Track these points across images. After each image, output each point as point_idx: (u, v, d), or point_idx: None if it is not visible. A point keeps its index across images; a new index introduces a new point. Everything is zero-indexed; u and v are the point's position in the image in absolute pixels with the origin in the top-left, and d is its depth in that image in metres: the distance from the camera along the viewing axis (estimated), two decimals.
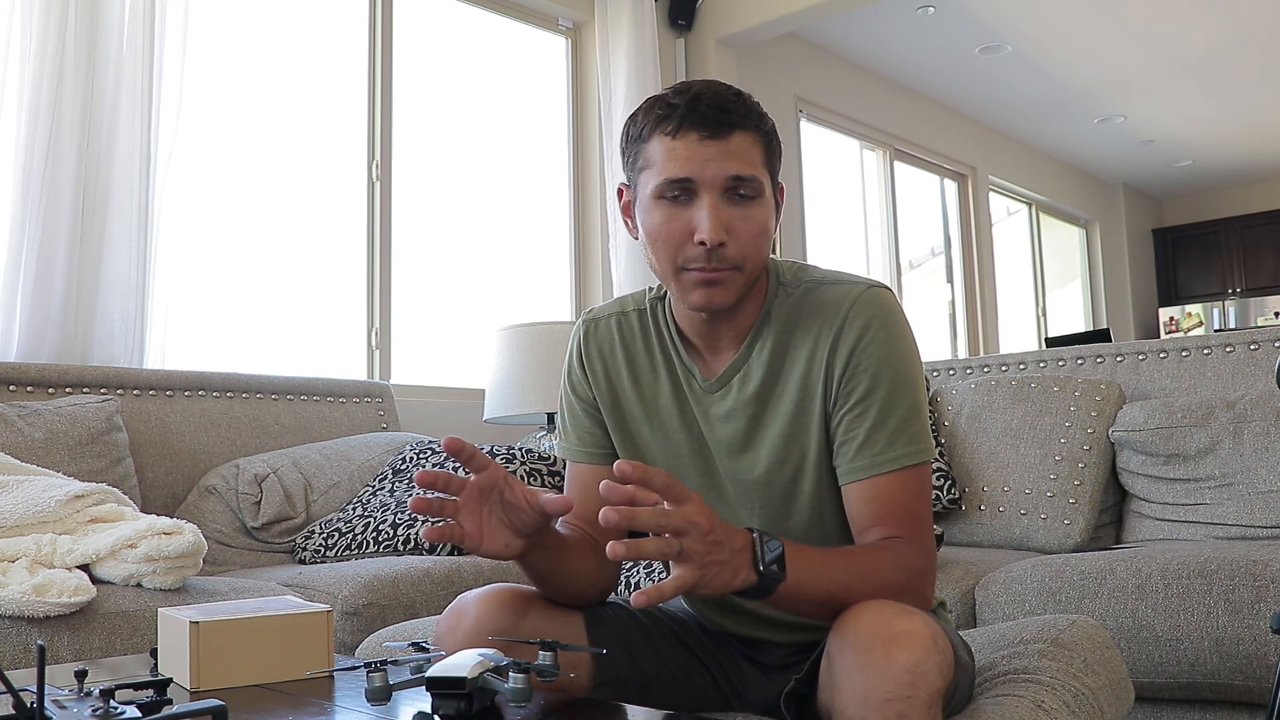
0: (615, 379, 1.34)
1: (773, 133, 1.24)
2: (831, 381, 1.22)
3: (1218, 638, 1.83)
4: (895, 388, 1.20)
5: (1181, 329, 9.04)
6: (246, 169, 3.47)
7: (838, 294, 1.24)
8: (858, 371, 1.20)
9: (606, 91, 4.24)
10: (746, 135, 1.19)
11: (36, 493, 1.95)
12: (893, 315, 1.23)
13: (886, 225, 6.20)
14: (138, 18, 2.85)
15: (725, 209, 1.17)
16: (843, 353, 1.21)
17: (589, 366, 1.35)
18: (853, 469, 1.21)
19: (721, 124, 1.17)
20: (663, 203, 1.19)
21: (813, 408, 1.23)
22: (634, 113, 1.24)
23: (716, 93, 1.19)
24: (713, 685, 1.33)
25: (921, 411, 1.22)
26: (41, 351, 2.65)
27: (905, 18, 5.55)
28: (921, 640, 1.00)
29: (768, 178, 1.22)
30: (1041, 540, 2.50)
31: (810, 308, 1.25)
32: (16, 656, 1.64)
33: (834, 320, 1.22)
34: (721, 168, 1.17)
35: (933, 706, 0.99)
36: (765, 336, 1.26)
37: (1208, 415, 2.42)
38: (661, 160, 1.19)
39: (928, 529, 1.22)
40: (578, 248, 4.42)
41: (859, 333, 1.21)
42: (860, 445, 1.20)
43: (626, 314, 1.36)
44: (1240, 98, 7.08)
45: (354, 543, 2.47)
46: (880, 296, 1.23)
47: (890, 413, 1.20)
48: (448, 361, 3.92)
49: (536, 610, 1.21)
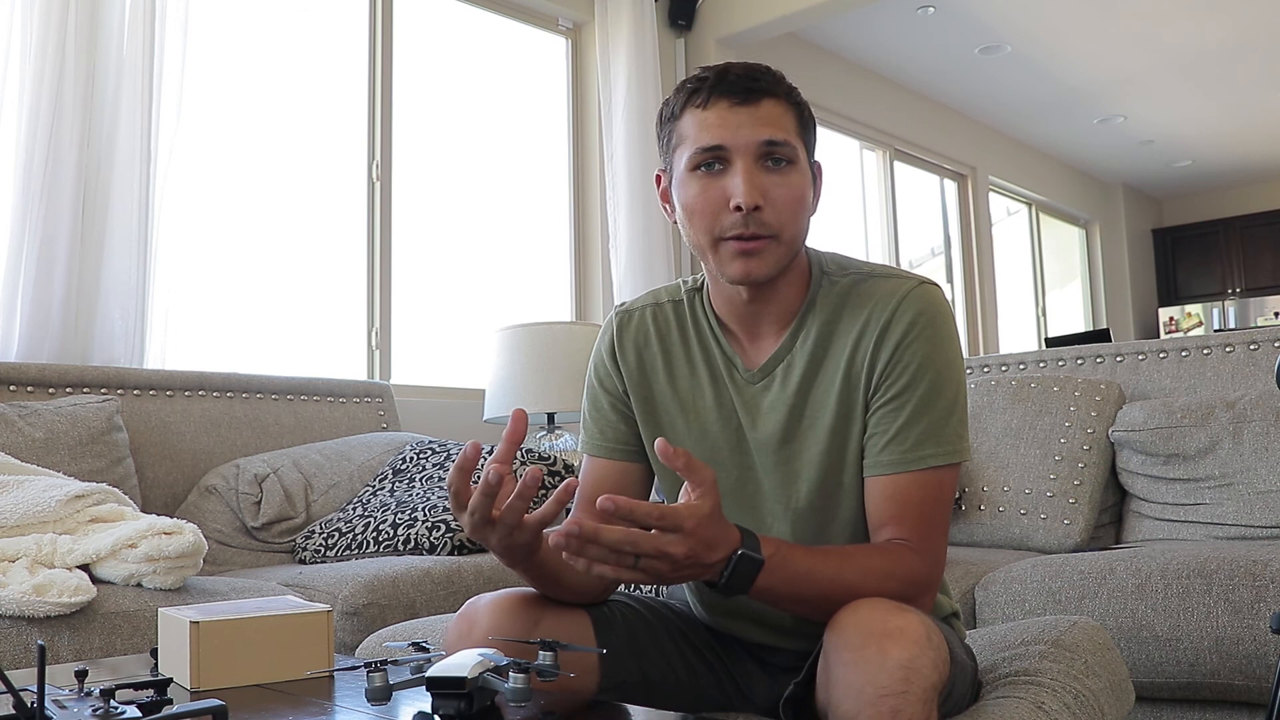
0: (650, 372, 1.32)
1: (805, 105, 1.24)
2: (874, 374, 1.21)
3: (1218, 638, 1.83)
4: (934, 387, 1.19)
5: (1181, 329, 9.04)
6: (247, 169, 3.47)
7: (889, 287, 1.23)
8: (899, 366, 1.19)
9: (606, 92, 4.24)
10: (778, 103, 1.19)
11: (37, 493, 1.95)
12: (941, 314, 1.22)
13: (886, 225, 6.20)
14: (138, 18, 2.85)
15: (760, 175, 1.17)
16: (888, 346, 1.20)
17: (622, 359, 1.33)
18: (877, 463, 1.21)
19: (752, 90, 1.18)
20: (697, 174, 1.19)
21: (856, 399, 1.22)
22: (667, 98, 1.26)
23: (745, 65, 1.20)
24: (718, 687, 1.33)
25: (956, 413, 1.21)
26: (42, 351, 2.65)
27: (905, 18, 5.55)
28: (916, 636, 1.00)
29: (802, 147, 1.22)
30: (1041, 540, 2.50)
31: (858, 297, 1.23)
32: (17, 656, 1.64)
33: (883, 312, 1.21)
34: (754, 133, 1.17)
35: (927, 703, 0.99)
36: (809, 325, 1.25)
37: (1207, 415, 2.42)
38: (694, 132, 1.19)
39: (940, 536, 1.20)
40: (578, 248, 4.42)
41: (906, 327, 1.20)
42: (889, 440, 1.20)
43: (661, 305, 1.34)
44: (1240, 98, 7.08)
45: (354, 543, 2.47)
46: (932, 294, 1.23)
47: (925, 412, 1.19)
48: (448, 361, 3.92)
49: (549, 615, 1.20)
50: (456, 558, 2.31)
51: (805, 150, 1.23)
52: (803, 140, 1.22)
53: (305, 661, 1.15)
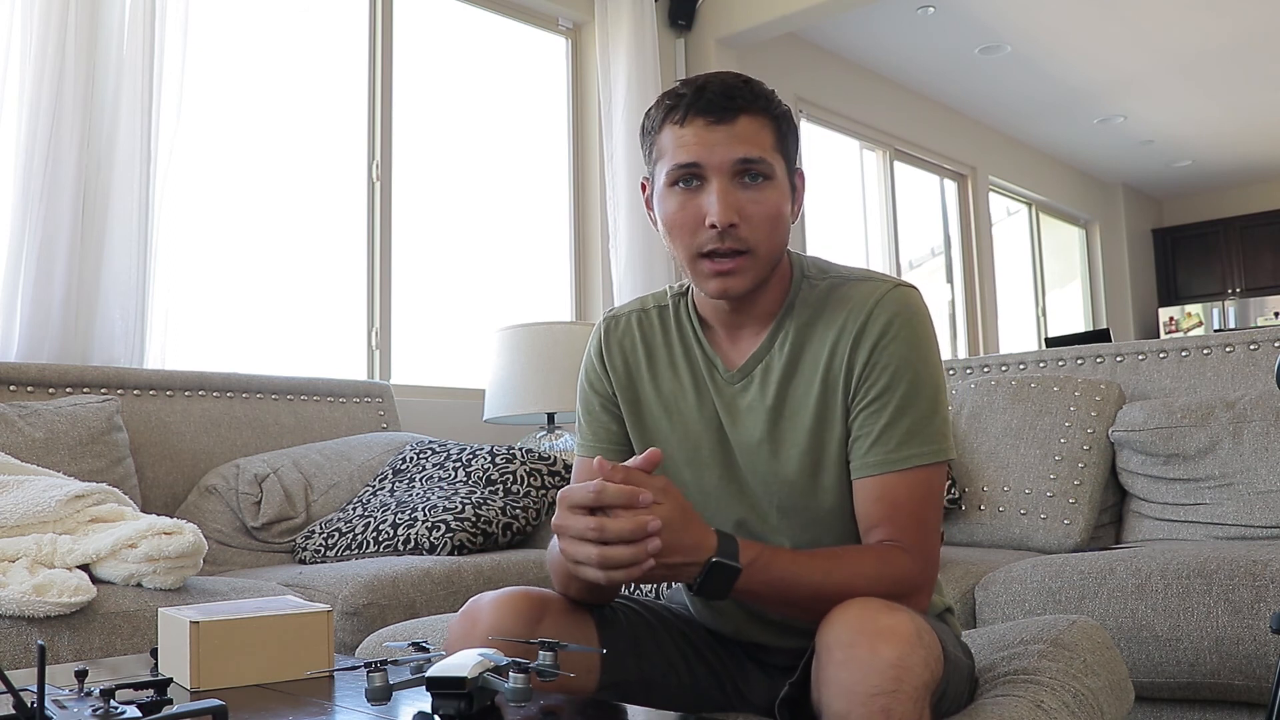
0: (635, 374, 1.35)
1: (784, 117, 1.24)
2: (852, 376, 1.22)
3: (1218, 638, 1.83)
4: (913, 387, 1.21)
5: (1181, 329, 9.03)
6: (247, 169, 3.47)
7: (864, 290, 1.24)
8: (877, 368, 1.21)
9: (606, 92, 4.24)
10: (754, 119, 1.20)
11: (37, 493, 1.95)
12: (917, 315, 1.23)
13: (886, 225, 6.20)
14: (138, 18, 2.85)
15: (735, 192, 1.19)
16: (864, 348, 1.22)
17: (609, 362, 1.36)
18: (864, 464, 1.22)
19: (727, 109, 1.19)
20: (675, 190, 1.22)
21: (834, 401, 1.24)
22: (649, 109, 1.27)
23: (723, 80, 1.22)
24: (718, 687, 1.33)
25: (938, 413, 1.22)
26: (42, 351, 2.65)
27: (905, 18, 5.55)
28: (906, 635, 1.01)
29: (781, 161, 1.23)
30: (1041, 540, 2.50)
31: (835, 301, 1.25)
32: (17, 656, 1.64)
33: (858, 315, 1.23)
34: (728, 151, 1.19)
35: (919, 701, 0.99)
36: (787, 327, 1.27)
37: (1207, 415, 2.42)
38: (671, 148, 1.22)
39: (932, 536, 1.21)
40: (578, 248, 4.42)
41: (882, 329, 1.21)
42: (874, 442, 1.21)
43: (647, 310, 1.37)
44: (1240, 98, 7.08)
45: (354, 543, 2.47)
46: (907, 296, 1.24)
47: (906, 412, 1.20)
48: (448, 361, 3.92)
49: (551, 614, 1.21)
50: (456, 558, 2.31)
51: (785, 162, 1.24)
52: (781, 153, 1.23)
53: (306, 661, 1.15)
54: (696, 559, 1.08)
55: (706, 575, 1.08)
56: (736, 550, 1.10)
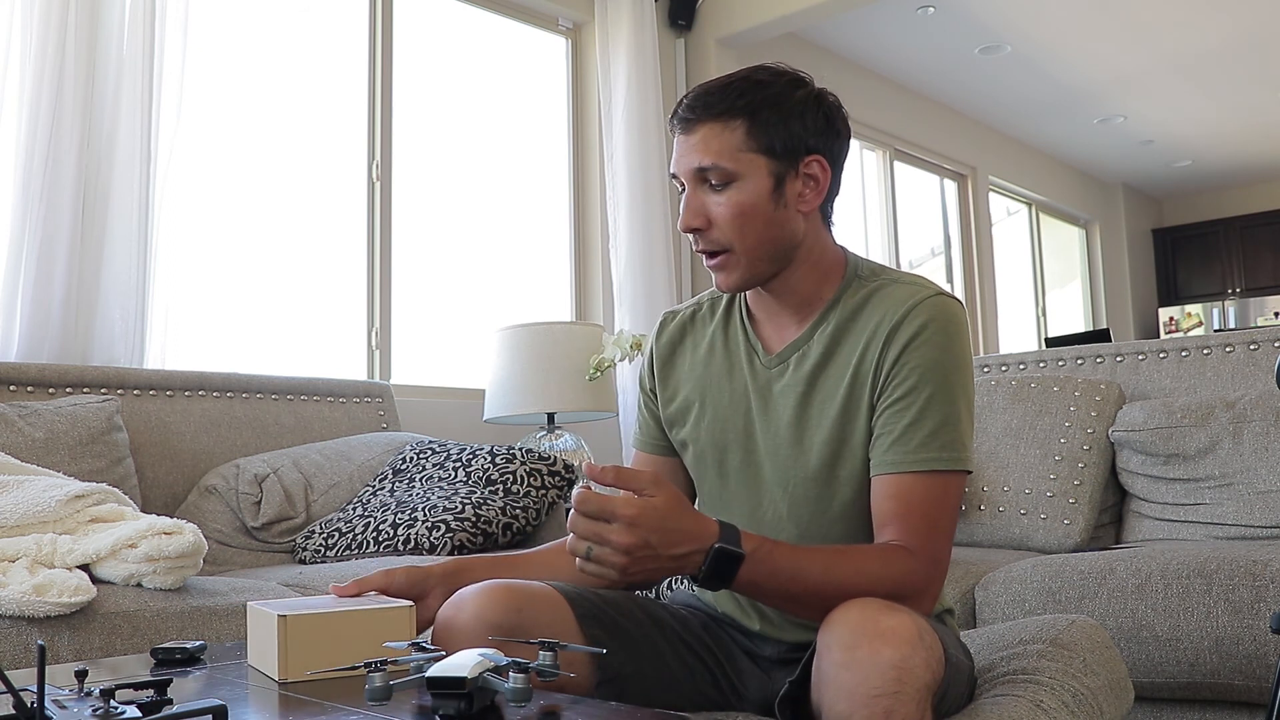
0: (678, 366, 1.42)
1: (760, 112, 1.25)
2: (881, 373, 1.25)
3: (1217, 638, 1.83)
4: (940, 391, 1.22)
5: (1181, 329, 9.04)
6: (247, 169, 3.47)
7: (905, 292, 1.28)
8: (906, 368, 1.23)
9: (606, 92, 4.24)
10: (715, 124, 1.25)
11: (37, 493, 1.95)
12: (954, 324, 1.25)
13: (886, 225, 6.20)
14: (138, 18, 2.85)
15: (700, 197, 1.27)
16: (895, 347, 1.24)
17: (657, 358, 1.44)
18: (883, 462, 1.23)
19: (688, 120, 1.27)
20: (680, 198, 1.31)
21: (862, 396, 1.26)
22: None
23: (701, 88, 1.28)
24: (713, 684, 1.33)
25: (962, 422, 1.23)
26: (42, 351, 2.65)
27: (905, 18, 5.55)
28: (908, 636, 1.01)
29: (755, 158, 1.25)
30: (1041, 540, 2.50)
31: (877, 300, 1.29)
32: (16, 656, 1.64)
33: (895, 314, 1.26)
34: (689, 161, 1.27)
35: (920, 702, 0.99)
36: (829, 320, 1.31)
37: (1207, 415, 2.42)
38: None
39: (941, 541, 1.22)
40: (578, 248, 4.42)
41: (915, 331, 1.24)
42: (894, 440, 1.22)
43: (701, 304, 1.45)
44: (1240, 98, 7.08)
45: (354, 543, 2.47)
46: (947, 305, 1.27)
47: (929, 414, 1.22)
48: (448, 361, 3.92)
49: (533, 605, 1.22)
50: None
51: (765, 157, 1.25)
52: (759, 150, 1.25)
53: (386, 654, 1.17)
54: (700, 546, 1.09)
55: (711, 564, 1.09)
56: (738, 537, 1.11)
